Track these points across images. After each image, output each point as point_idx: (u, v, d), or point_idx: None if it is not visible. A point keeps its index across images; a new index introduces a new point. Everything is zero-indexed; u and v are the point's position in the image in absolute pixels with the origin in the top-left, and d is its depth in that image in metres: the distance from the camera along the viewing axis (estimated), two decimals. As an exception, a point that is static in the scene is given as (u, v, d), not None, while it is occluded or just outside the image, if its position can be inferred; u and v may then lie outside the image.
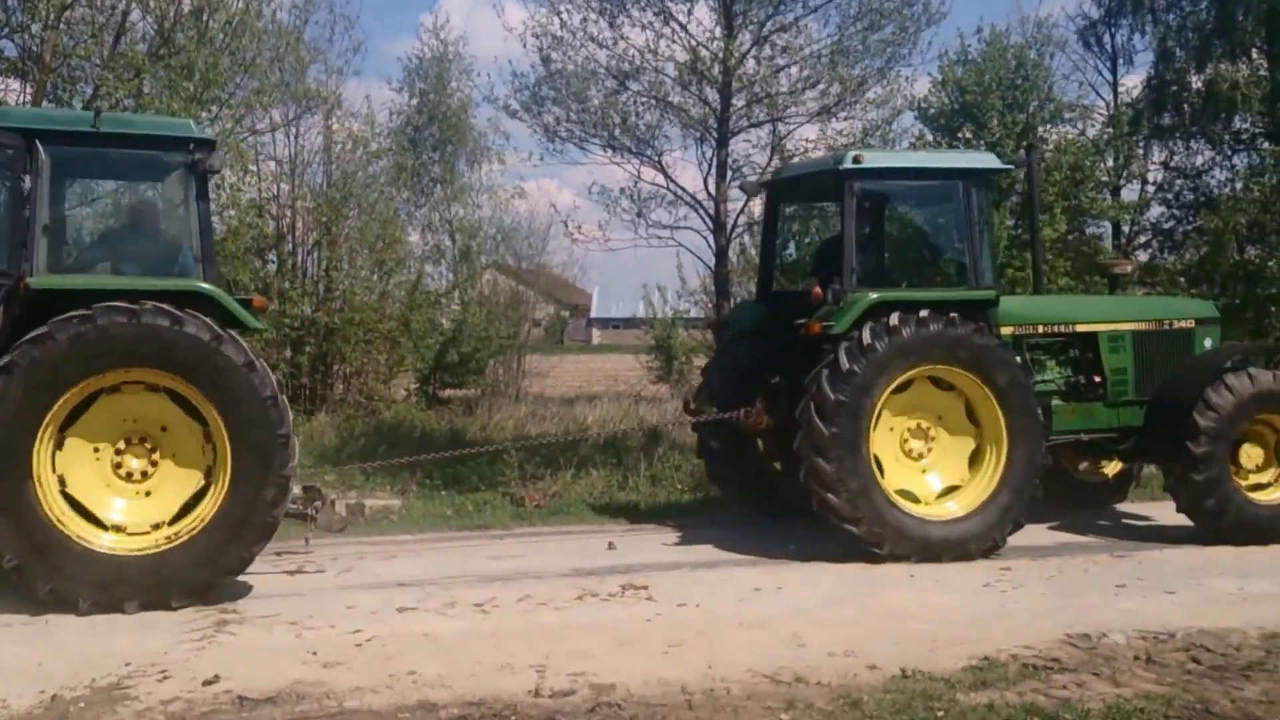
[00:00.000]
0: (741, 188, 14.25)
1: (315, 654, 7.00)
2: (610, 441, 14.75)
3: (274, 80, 19.12)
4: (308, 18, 20.31)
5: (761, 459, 11.47)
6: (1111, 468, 12.25)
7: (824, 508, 9.67)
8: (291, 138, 20.99)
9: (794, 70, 16.38)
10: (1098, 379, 11.17)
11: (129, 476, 8.39)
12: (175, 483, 8.43)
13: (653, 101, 16.96)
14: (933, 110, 17.91)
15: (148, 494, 8.41)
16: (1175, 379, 10.94)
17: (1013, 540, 10.12)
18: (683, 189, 17.37)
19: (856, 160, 10.21)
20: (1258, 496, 10.62)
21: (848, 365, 9.58)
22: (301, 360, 18.93)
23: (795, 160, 16.06)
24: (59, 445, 8.17)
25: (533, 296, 25.96)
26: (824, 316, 10.01)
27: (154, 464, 8.46)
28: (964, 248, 10.49)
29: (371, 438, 15.51)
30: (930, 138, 17.78)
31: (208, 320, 8.20)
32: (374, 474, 13.54)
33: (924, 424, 10.18)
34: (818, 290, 10.17)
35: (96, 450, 8.32)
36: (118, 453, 8.37)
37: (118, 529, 8.25)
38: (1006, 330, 10.76)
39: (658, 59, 16.57)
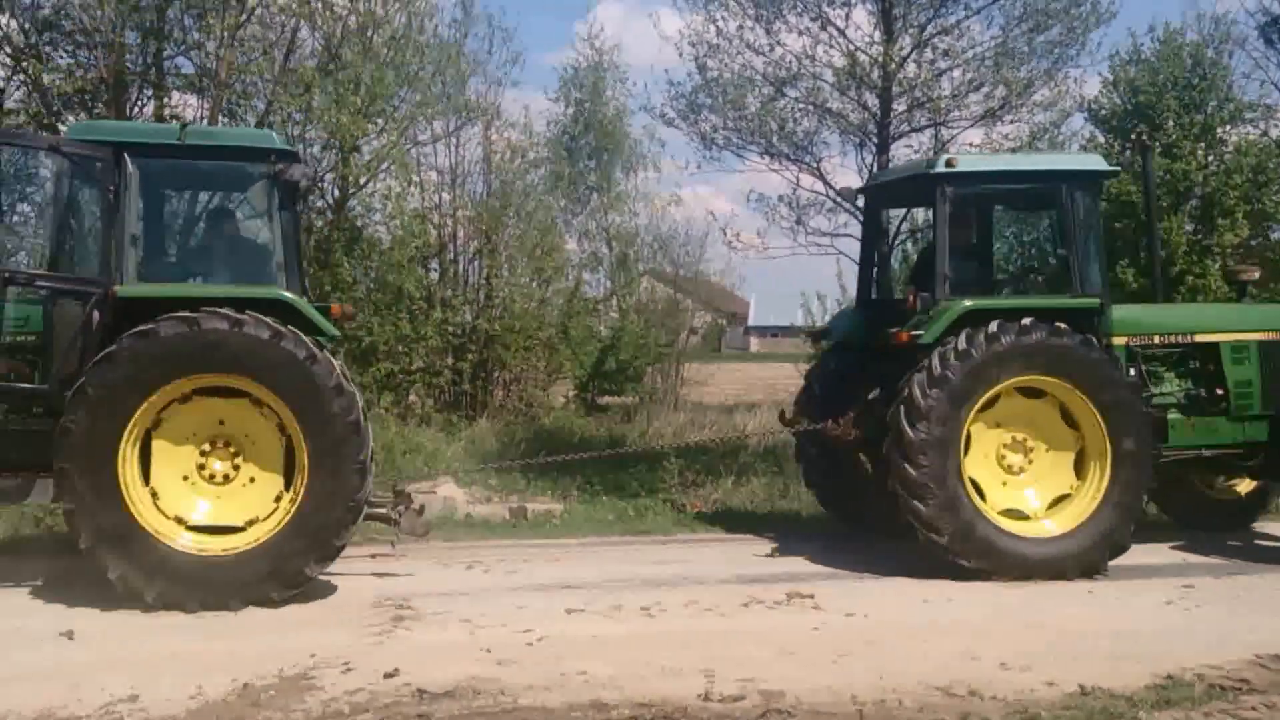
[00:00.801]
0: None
1: (488, 651, 7.15)
2: (770, 450, 14.67)
3: (436, 92, 19.59)
4: (467, 31, 20.81)
5: (857, 471, 11.16)
6: (1244, 486, 11.57)
7: (911, 516, 9.38)
8: (452, 148, 21.47)
9: (956, 73, 16.12)
10: (1220, 391, 10.57)
11: (212, 478, 8.59)
12: (258, 483, 8.63)
13: (810, 107, 16.87)
14: (1104, 112, 17.29)
15: (232, 495, 8.61)
16: None
17: (1191, 558, 9.71)
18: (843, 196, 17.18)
19: (949, 164, 9.95)
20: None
21: (941, 370, 9.28)
22: (463, 367, 19.33)
23: (893, 165, 15.73)
24: (145, 447, 8.39)
25: (690, 304, 25.94)
26: (914, 325, 9.73)
27: (236, 467, 8.67)
28: (1067, 254, 10.05)
29: (531, 443, 15.75)
30: (1101, 140, 17.16)
31: (266, 320, 8.30)
32: (535, 479, 13.76)
33: (1019, 437, 9.76)
34: (912, 298, 9.91)
35: (181, 453, 8.52)
36: (202, 454, 8.60)
37: (198, 529, 8.45)
38: (1120, 340, 10.29)
39: (815, 64, 16.50)
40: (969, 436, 9.50)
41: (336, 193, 19.16)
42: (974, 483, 9.48)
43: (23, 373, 8.69)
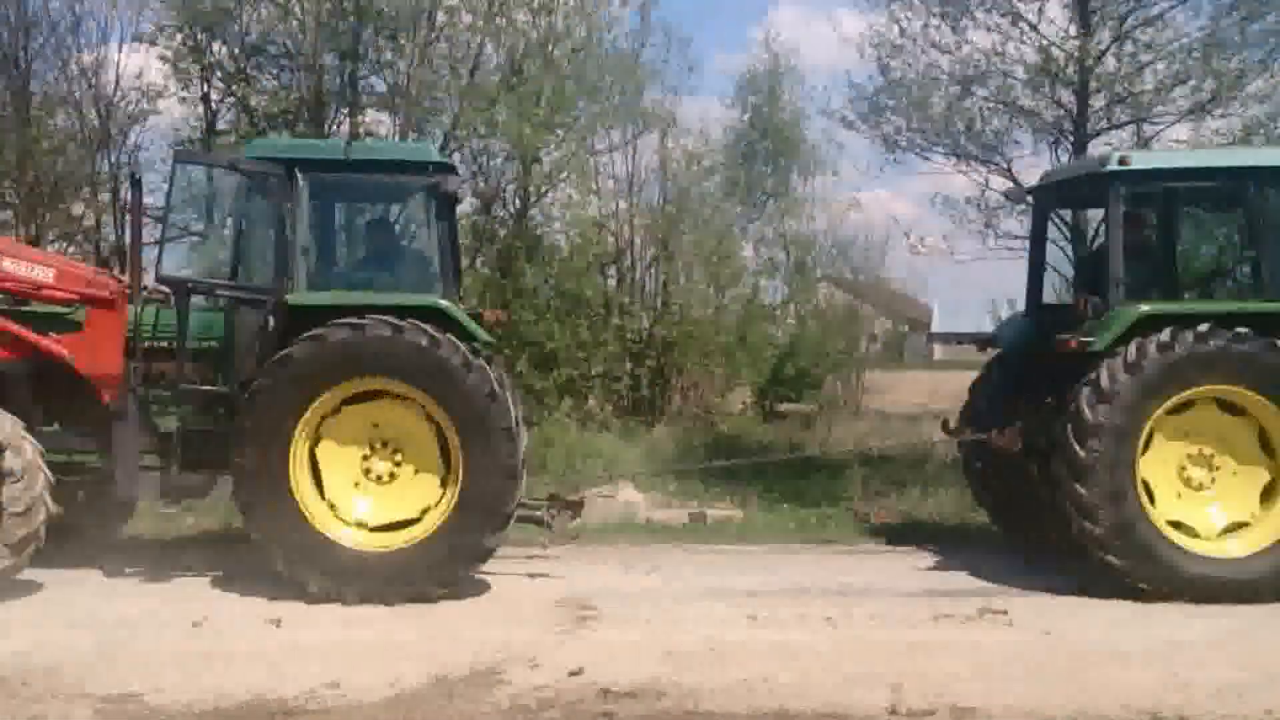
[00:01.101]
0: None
1: (671, 654, 7.11)
2: (959, 460, 14.23)
3: (614, 102, 19.82)
4: (645, 41, 20.99)
5: (1027, 484, 10.50)
6: None
7: (1082, 536, 8.88)
8: (629, 156, 21.73)
9: (1159, 66, 15.33)
10: None
11: (376, 478, 8.83)
12: (415, 489, 8.81)
13: (1000, 106, 16.37)
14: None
15: (392, 494, 8.82)
16: None
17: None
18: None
19: (1123, 161, 9.42)
20: None
21: (1110, 384, 8.75)
22: (642, 373, 19.45)
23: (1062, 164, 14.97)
24: (314, 446, 8.69)
25: (870, 310, 25.54)
26: (1085, 332, 9.21)
27: (398, 466, 8.88)
28: (1257, 254, 9.39)
29: (710, 449, 15.69)
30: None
31: (426, 327, 8.49)
32: (714, 485, 13.70)
33: (1206, 450, 9.11)
34: (1082, 303, 9.44)
35: (347, 452, 8.79)
36: (365, 457, 8.83)
37: (360, 525, 8.71)
38: None
39: (1005, 61, 15.99)
40: (1148, 443, 8.97)
41: (518, 202, 19.61)
42: (1147, 487, 8.95)
43: (207, 376, 9.16)
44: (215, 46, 18.81)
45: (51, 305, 9.24)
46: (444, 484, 8.72)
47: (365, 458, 8.84)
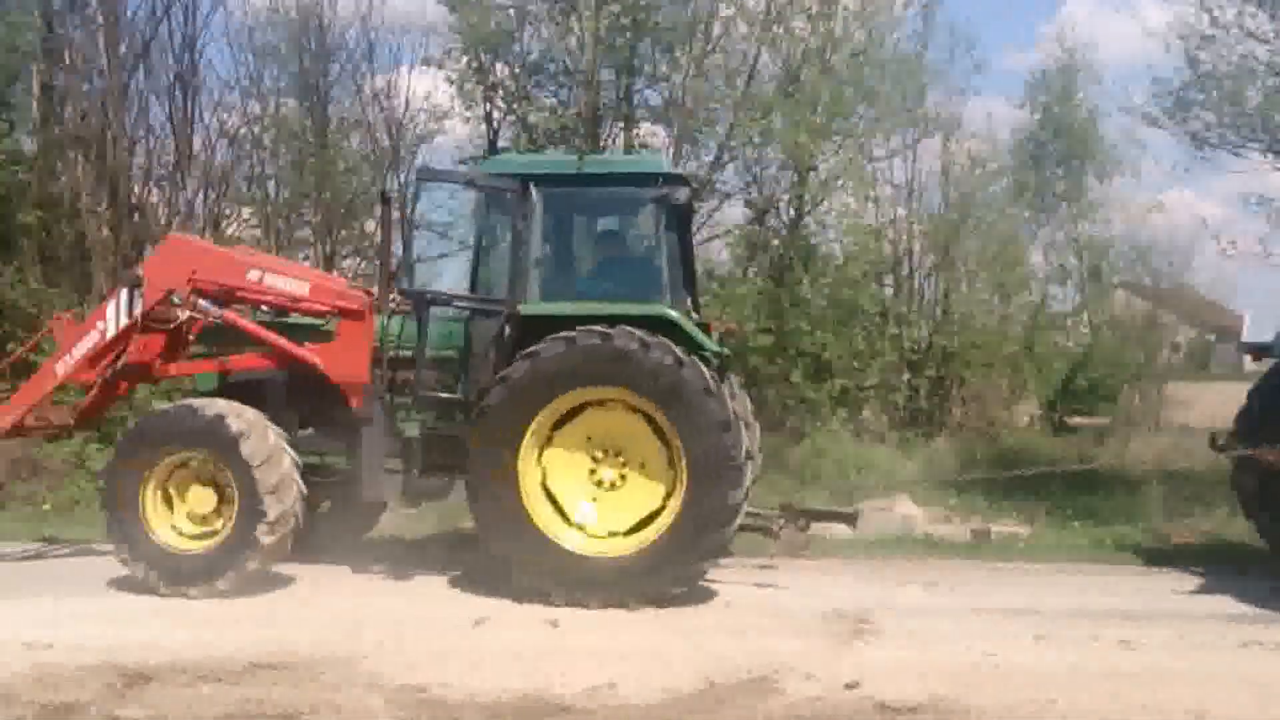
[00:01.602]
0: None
1: (952, 673, 6.79)
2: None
3: (894, 106, 19.36)
4: (928, 42, 20.42)
5: None
6: None
7: None
8: (909, 162, 21.20)
9: None
10: None
11: (601, 484, 8.89)
12: (641, 494, 8.79)
13: (1324, 98, 15.02)
14: None
15: (618, 502, 8.83)
16: None
17: None
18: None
19: None
20: None
21: None
22: (919, 384, 18.92)
23: None
24: (544, 451, 8.81)
25: (1171, 319, 23.98)
26: None
27: (623, 476, 8.86)
28: None
29: (993, 463, 15.06)
30: None
31: (671, 345, 8.51)
32: (999, 500, 13.13)
33: None
34: None
35: (575, 458, 8.89)
36: (594, 461, 8.86)
37: (583, 530, 8.79)
38: None
39: (1330, 49, 14.65)
40: None
41: (792, 211, 19.45)
42: None
43: (448, 383, 9.44)
44: (498, 67, 19.54)
45: (307, 317, 9.80)
46: (668, 496, 8.73)
47: (595, 461, 8.94)
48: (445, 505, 10.36)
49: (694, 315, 9.78)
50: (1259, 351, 10.93)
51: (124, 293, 9.72)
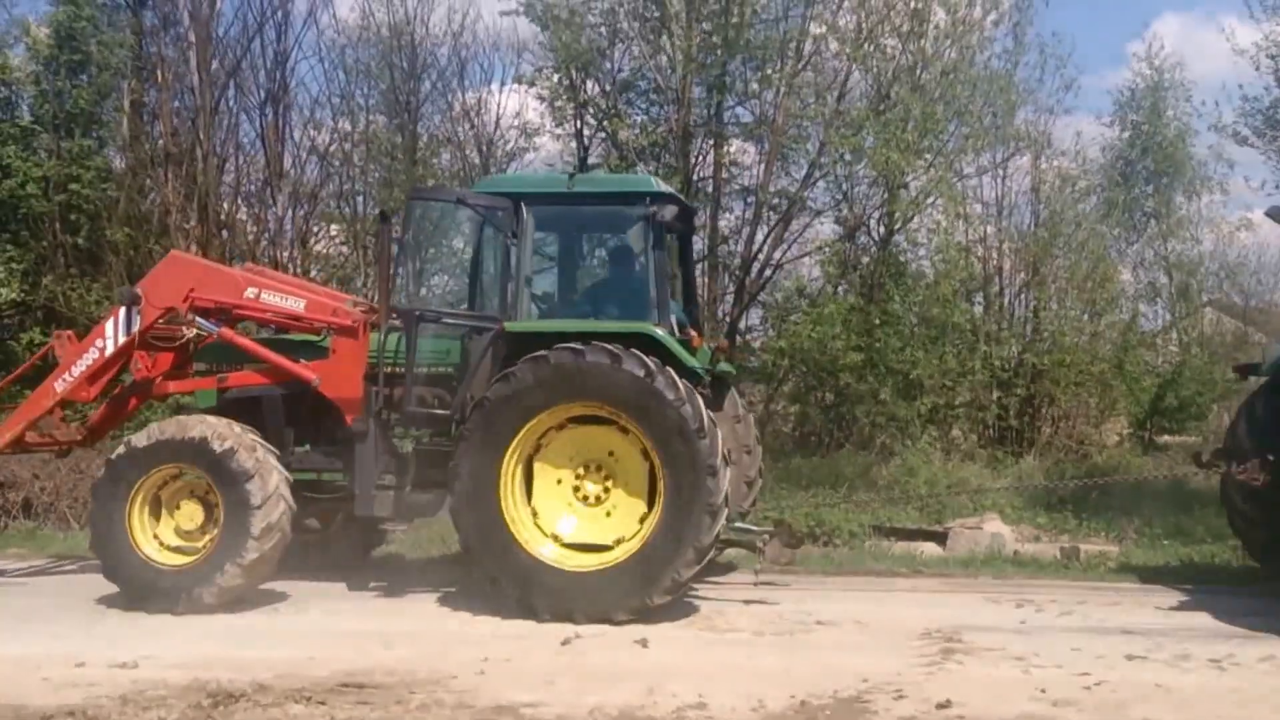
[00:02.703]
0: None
1: (1044, 691, 6.93)
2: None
3: (985, 124, 19.34)
4: (1019, 60, 20.34)
5: None
6: None
7: None
8: (999, 179, 21.16)
9: None
10: None
11: (585, 499, 9.07)
12: (624, 509, 8.99)
13: None
14: None
15: (607, 515, 9.03)
16: None
17: None
18: None
19: None
20: None
21: None
22: (1010, 402, 18.91)
23: None
24: (529, 467, 9.01)
25: (1263, 337, 23.59)
26: None
27: (607, 491, 9.05)
28: None
29: (1083, 482, 15.05)
30: None
31: (644, 358, 8.61)
32: (1089, 519, 13.18)
33: None
34: None
35: (560, 474, 9.09)
36: (577, 477, 9.05)
37: (567, 544, 8.95)
38: None
39: None
40: None
41: (882, 229, 19.53)
42: None
43: (442, 399, 9.57)
44: (589, 84, 19.73)
45: (303, 334, 10.06)
46: (649, 510, 8.88)
47: (578, 479, 9.12)
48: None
49: (693, 333, 9.97)
50: (1248, 371, 10.94)
51: (123, 311, 9.96)
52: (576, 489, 9.17)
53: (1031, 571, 11.31)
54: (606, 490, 9.15)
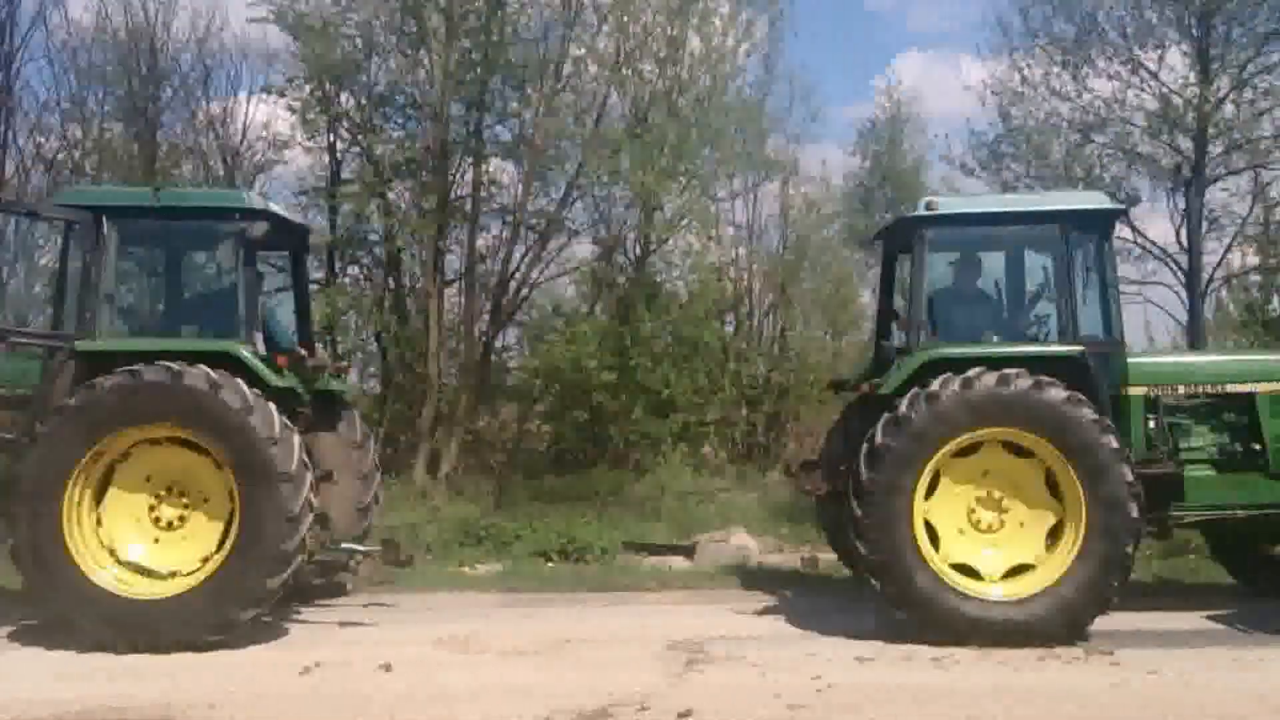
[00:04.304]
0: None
1: (778, 696, 7.19)
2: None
3: (736, 150, 20.06)
4: (769, 90, 21.23)
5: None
6: None
7: (857, 557, 8.98)
8: (750, 203, 21.99)
9: (1278, 113, 15.20)
10: (1257, 447, 9.52)
11: (163, 524, 8.85)
12: (203, 533, 8.78)
13: (1119, 153, 16.37)
14: None
15: (184, 539, 8.82)
16: None
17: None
18: (1152, 242, 16.51)
19: (930, 207, 9.51)
20: None
21: (881, 438, 8.70)
22: (757, 419, 19.59)
23: None
24: (100, 492, 8.73)
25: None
26: (880, 376, 9.38)
27: (184, 516, 8.87)
28: (1059, 300, 9.34)
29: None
30: None
31: (207, 371, 8.48)
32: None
33: (996, 494, 9.01)
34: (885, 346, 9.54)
35: (135, 498, 8.83)
36: (157, 498, 8.86)
37: (133, 568, 8.70)
38: (1138, 391, 9.50)
39: (1125, 109, 16.04)
40: (932, 480, 8.88)
41: (638, 250, 19.94)
42: (929, 526, 8.89)
43: (23, 424, 8.91)
44: (343, 97, 19.34)
45: None
46: (228, 524, 8.68)
47: (154, 504, 8.87)
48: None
49: (303, 352, 9.82)
50: (838, 387, 11.69)
51: None
52: (153, 511, 8.87)
53: (774, 583, 11.72)
54: (186, 511, 8.86)
